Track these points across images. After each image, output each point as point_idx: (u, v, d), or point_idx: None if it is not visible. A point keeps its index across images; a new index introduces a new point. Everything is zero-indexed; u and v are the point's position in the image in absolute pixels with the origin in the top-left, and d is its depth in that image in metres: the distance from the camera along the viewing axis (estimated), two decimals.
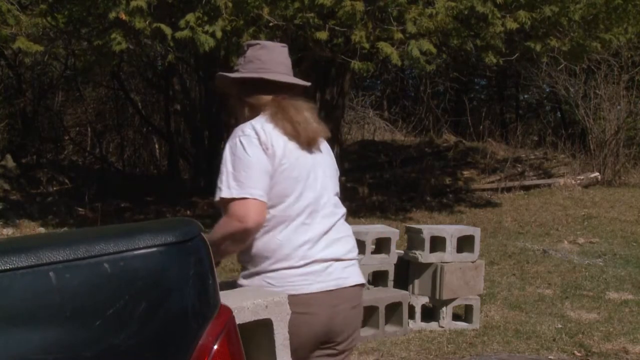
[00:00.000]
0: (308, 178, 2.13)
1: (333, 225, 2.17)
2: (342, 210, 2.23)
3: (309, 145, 2.16)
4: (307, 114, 2.19)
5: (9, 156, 11.08)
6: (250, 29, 6.46)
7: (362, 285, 2.20)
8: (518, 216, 8.76)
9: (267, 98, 2.20)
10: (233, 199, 2.03)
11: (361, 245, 4.41)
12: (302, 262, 2.09)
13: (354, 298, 2.17)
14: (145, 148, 14.36)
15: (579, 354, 3.97)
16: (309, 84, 2.32)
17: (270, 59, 2.26)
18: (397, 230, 4.61)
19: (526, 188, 10.57)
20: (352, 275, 2.17)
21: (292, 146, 2.12)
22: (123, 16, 6.13)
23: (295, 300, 2.08)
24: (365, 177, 10.67)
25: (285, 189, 2.09)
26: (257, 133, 2.11)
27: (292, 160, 2.11)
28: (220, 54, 8.85)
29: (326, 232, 2.15)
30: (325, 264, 2.12)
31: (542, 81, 13.76)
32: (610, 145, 11.44)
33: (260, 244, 2.09)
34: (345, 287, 2.13)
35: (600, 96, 11.80)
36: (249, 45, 2.30)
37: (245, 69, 2.25)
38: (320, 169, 2.18)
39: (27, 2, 8.39)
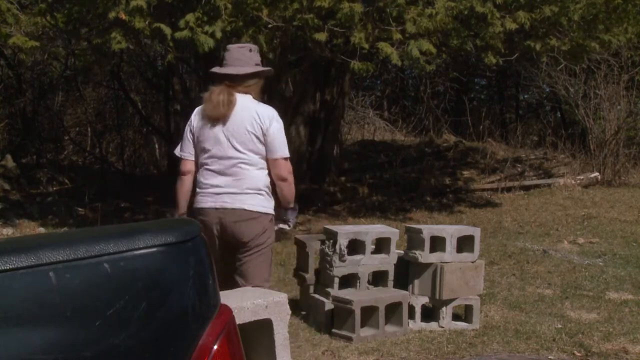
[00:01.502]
0: (210, 140, 3.44)
1: (226, 169, 3.42)
2: (241, 160, 3.40)
3: (211, 119, 3.44)
4: (220, 97, 3.42)
5: (9, 156, 11.07)
6: (249, 29, 6.46)
7: (244, 210, 3.39)
8: (518, 216, 8.76)
9: (215, 85, 3.52)
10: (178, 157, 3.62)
11: (361, 245, 4.42)
12: (204, 190, 3.47)
13: (238, 215, 3.40)
14: (145, 148, 14.35)
15: (578, 354, 3.97)
16: (238, 72, 3.44)
17: (230, 57, 3.50)
18: (397, 230, 4.61)
19: (526, 188, 10.57)
20: (235, 201, 3.40)
21: (203, 119, 3.49)
22: (123, 16, 6.13)
23: (197, 211, 3.50)
24: (365, 177, 10.67)
25: (198, 146, 3.50)
26: (194, 113, 3.60)
27: (199, 129, 3.49)
28: (220, 54, 8.86)
29: (220, 173, 3.43)
30: (217, 192, 3.43)
31: (542, 81, 13.75)
32: (610, 145, 11.44)
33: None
34: (226, 208, 3.40)
35: (600, 96, 11.80)
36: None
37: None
38: (223, 135, 3.42)
39: (27, 1, 8.39)
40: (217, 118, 3.41)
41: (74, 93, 14.14)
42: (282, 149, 3.46)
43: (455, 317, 4.60)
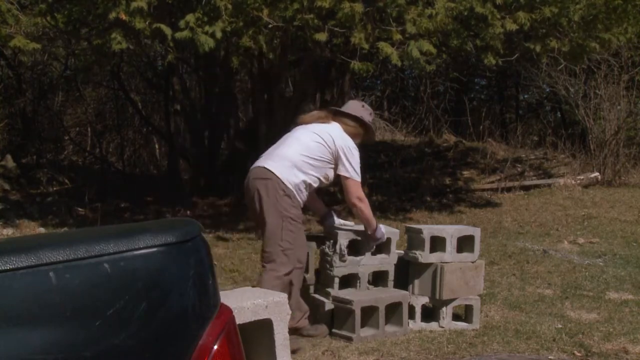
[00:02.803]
0: (290, 131, 4.30)
1: (278, 144, 4.18)
2: (293, 138, 4.15)
3: (299, 122, 4.32)
4: (316, 112, 4.52)
5: (9, 156, 11.07)
6: (249, 30, 6.46)
7: (263, 167, 4.02)
8: (518, 216, 8.76)
9: None
10: None
11: (361, 245, 4.42)
12: None
13: (256, 173, 4.04)
14: (145, 148, 14.35)
15: (579, 354, 3.97)
16: (343, 109, 4.34)
17: (346, 104, 4.49)
18: (397, 230, 4.61)
19: (526, 188, 10.56)
20: (263, 162, 4.05)
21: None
22: (123, 16, 6.13)
23: None
24: (365, 177, 10.66)
25: None
26: None
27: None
28: (220, 54, 8.85)
29: (273, 147, 4.20)
30: (262, 157, 4.17)
31: (542, 81, 13.75)
32: (610, 145, 11.44)
33: None
34: (255, 167, 4.09)
35: (600, 96, 11.80)
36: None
37: None
38: (297, 130, 4.22)
39: (27, 1, 8.38)
40: (302, 122, 4.27)
41: (74, 93, 14.14)
42: (348, 170, 4.09)
43: (456, 317, 4.60)
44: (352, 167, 4.09)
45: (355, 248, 4.43)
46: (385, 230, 4.38)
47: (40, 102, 13.05)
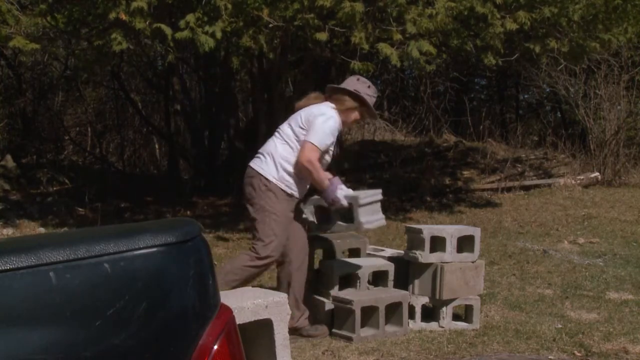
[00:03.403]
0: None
1: (264, 145, 4.20)
2: (280, 131, 4.15)
3: (295, 110, 4.24)
4: (310, 95, 4.29)
5: (9, 156, 11.06)
6: (250, 29, 6.46)
7: (250, 167, 4.12)
8: (518, 216, 8.76)
9: None
10: None
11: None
12: None
13: (246, 173, 4.15)
14: (145, 148, 14.36)
15: (579, 354, 3.97)
16: (333, 85, 4.40)
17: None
18: (357, 194, 4.47)
19: (526, 188, 10.56)
20: (251, 161, 4.15)
21: None
22: (123, 16, 6.13)
23: None
24: (365, 177, 10.67)
25: None
26: None
27: None
28: (220, 54, 8.86)
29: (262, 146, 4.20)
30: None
31: (542, 81, 13.74)
32: (610, 145, 11.44)
33: None
34: (247, 167, 4.16)
35: (600, 96, 11.79)
36: None
37: None
38: (284, 124, 4.18)
39: (27, 2, 8.38)
40: (297, 107, 4.23)
41: (74, 93, 14.15)
42: (311, 135, 4.00)
43: (456, 317, 4.60)
44: (317, 134, 3.98)
45: (326, 218, 4.35)
46: (345, 194, 4.04)
47: (40, 102, 13.05)
